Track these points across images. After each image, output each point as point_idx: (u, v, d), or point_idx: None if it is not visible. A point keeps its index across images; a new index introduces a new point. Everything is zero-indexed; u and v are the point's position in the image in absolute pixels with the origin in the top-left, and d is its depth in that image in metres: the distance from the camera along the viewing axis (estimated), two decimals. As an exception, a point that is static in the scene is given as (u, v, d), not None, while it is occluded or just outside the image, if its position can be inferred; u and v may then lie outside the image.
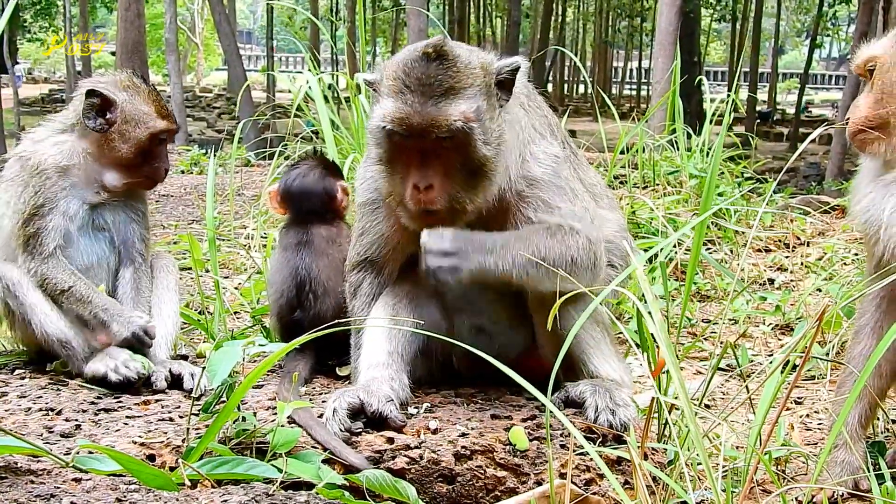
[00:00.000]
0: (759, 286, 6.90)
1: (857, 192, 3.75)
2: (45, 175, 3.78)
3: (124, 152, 3.86)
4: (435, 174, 3.20)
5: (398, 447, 3.06)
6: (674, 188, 8.36)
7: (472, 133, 3.15)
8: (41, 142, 3.88)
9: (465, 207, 3.27)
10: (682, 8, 23.04)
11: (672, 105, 8.97)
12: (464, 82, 3.17)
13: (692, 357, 5.56)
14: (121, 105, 3.83)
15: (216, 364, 2.87)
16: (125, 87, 3.89)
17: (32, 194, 3.76)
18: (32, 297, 3.74)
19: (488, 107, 3.22)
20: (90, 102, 3.80)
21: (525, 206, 3.41)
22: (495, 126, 3.25)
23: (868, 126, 3.57)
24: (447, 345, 3.48)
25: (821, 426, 4.51)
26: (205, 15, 67.52)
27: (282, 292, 3.97)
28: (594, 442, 3.23)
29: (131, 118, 3.85)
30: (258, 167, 11.90)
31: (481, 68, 3.24)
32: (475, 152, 3.19)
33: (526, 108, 3.52)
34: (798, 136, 39.09)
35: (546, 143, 3.51)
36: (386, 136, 3.22)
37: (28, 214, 3.75)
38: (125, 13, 29.69)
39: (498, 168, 3.28)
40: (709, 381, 3.79)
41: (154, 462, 2.89)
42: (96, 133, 3.82)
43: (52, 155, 3.82)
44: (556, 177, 3.46)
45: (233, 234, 7.68)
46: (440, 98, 3.14)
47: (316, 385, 3.75)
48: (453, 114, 3.13)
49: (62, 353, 3.74)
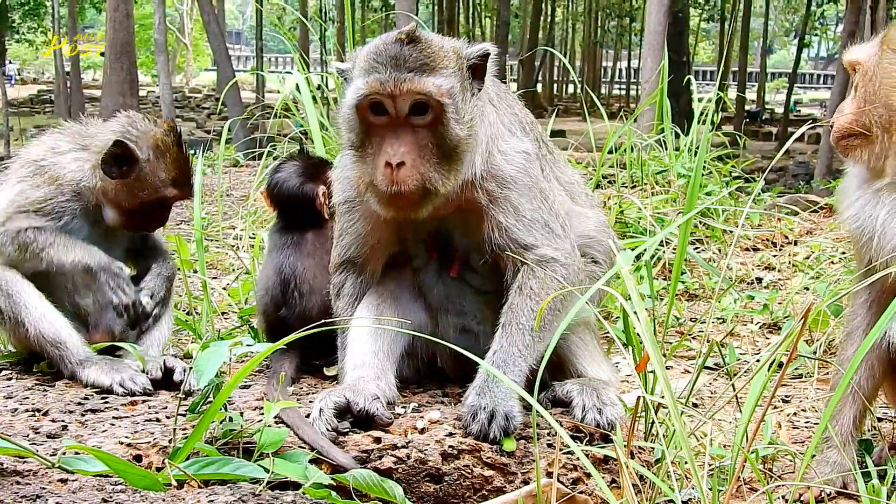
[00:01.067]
0: (747, 285, 6.92)
1: (845, 196, 3.75)
2: (61, 189, 3.78)
3: (127, 203, 3.87)
4: (408, 151, 3.18)
5: (385, 447, 3.06)
6: (662, 188, 8.37)
7: (445, 108, 3.17)
8: (63, 154, 3.84)
9: (437, 189, 3.23)
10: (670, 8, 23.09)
11: (660, 105, 8.98)
12: (438, 62, 3.20)
13: (680, 356, 5.57)
14: (142, 165, 3.81)
15: (203, 364, 2.86)
16: (154, 147, 3.85)
17: (42, 199, 3.76)
18: (27, 297, 3.71)
19: (461, 89, 3.24)
20: (115, 153, 3.77)
21: (496, 210, 3.40)
22: (468, 109, 3.26)
23: (851, 132, 3.57)
24: (432, 344, 3.49)
25: (808, 424, 4.52)
26: (194, 15, 67.47)
27: (267, 289, 3.97)
28: (581, 441, 3.23)
29: (145, 180, 3.83)
30: (247, 168, 11.87)
31: (454, 52, 3.27)
32: (449, 131, 3.20)
33: (495, 104, 3.51)
34: (787, 136, 39.14)
35: (516, 140, 3.50)
36: (358, 114, 3.24)
37: (27, 210, 3.74)
38: (114, 14, 29.63)
39: (468, 153, 3.29)
40: (695, 380, 3.80)
41: (141, 462, 2.88)
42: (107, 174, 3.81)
43: (71, 171, 3.81)
44: (525, 175, 3.44)
45: (221, 234, 7.67)
46: (414, 72, 3.16)
47: (303, 385, 3.75)
48: (428, 85, 3.15)
49: (54, 354, 3.70)
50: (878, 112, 3.48)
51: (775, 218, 8.52)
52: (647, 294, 5.01)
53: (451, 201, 3.37)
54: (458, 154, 3.25)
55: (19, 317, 3.69)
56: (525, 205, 3.41)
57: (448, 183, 3.25)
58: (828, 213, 9.05)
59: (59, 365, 3.72)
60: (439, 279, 3.64)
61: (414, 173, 3.18)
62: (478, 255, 3.53)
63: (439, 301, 3.65)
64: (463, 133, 3.23)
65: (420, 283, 3.68)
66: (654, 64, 19.93)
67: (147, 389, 3.55)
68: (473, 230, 3.47)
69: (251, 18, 75.38)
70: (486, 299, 3.60)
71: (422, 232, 3.59)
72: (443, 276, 3.64)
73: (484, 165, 3.37)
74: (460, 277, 3.61)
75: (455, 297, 3.63)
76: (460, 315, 3.62)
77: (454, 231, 3.55)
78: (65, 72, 44.23)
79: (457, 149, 3.24)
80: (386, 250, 3.64)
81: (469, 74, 3.29)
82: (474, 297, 3.62)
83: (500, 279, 3.53)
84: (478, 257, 3.54)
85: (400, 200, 3.23)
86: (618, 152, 8.66)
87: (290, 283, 3.91)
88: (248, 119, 11.61)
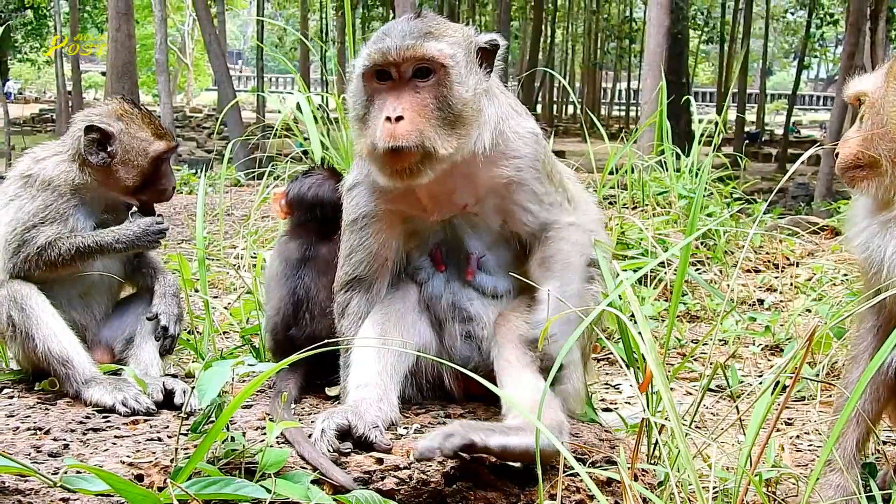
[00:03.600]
0: (749, 307, 6.91)
1: (853, 224, 3.73)
2: (57, 191, 3.79)
3: (130, 180, 3.88)
4: (408, 108, 3.22)
5: (387, 468, 3.04)
6: (663, 208, 8.38)
7: (449, 70, 3.25)
8: (45, 160, 3.87)
9: (437, 150, 3.23)
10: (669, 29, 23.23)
11: (660, 126, 9.00)
12: (442, 31, 3.32)
13: (682, 378, 5.56)
14: (118, 136, 3.83)
15: (205, 384, 2.85)
16: (119, 116, 3.89)
17: (42, 207, 3.76)
18: (41, 313, 3.70)
19: (467, 62, 3.33)
20: (90, 138, 3.80)
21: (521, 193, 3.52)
22: (473, 80, 3.33)
23: (858, 164, 3.54)
24: (438, 363, 3.49)
25: (811, 447, 4.51)
26: (195, 36, 67.74)
27: (278, 309, 3.95)
28: (584, 462, 3.22)
29: (131, 147, 3.86)
30: (247, 187, 11.90)
31: (461, 31, 3.40)
32: (451, 92, 3.26)
33: (503, 91, 3.61)
34: (787, 157, 39.32)
35: (524, 120, 3.59)
36: (364, 83, 3.33)
37: (32, 224, 3.74)
38: (116, 34, 29.77)
39: (472, 121, 3.33)
40: (699, 402, 3.79)
41: (142, 482, 2.86)
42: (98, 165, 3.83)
43: (63, 172, 3.82)
44: (538, 155, 3.54)
45: (222, 253, 7.67)
46: (418, 39, 3.25)
47: (305, 405, 3.74)
48: (430, 49, 3.24)
49: (60, 372, 3.68)
50: (886, 144, 3.46)
51: (777, 239, 8.52)
52: (649, 315, 5.00)
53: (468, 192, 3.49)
54: (460, 118, 3.29)
55: (30, 331, 3.68)
56: (541, 187, 3.54)
57: (448, 145, 3.26)
58: (829, 235, 9.05)
59: (64, 383, 3.70)
60: (446, 288, 3.67)
61: (412, 128, 3.20)
62: (492, 252, 3.63)
63: (445, 310, 3.67)
64: (467, 96, 3.29)
65: (426, 297, 3.69)
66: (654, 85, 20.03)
67: (150, 409, 3.53)
68: (490, 222, 3.58)
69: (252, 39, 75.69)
70: (494, 303, 3.65)
71: (425, 246, 3.67)
72: (450, 284, 3.67)
73: (496, 142, 3.44)
74: (463, 287, 3.65)
75: (461, 304, 3.65)
76: (466, 321, 3.63)
77: (466, 233, 3.61)
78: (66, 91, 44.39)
79: (459, 112, 3.29)
80: (393, 268, 3.67)
81: (477, 55, 3.38)
82: (481, 302, 3.64)
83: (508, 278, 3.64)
84: (492, 255, 3.63)
85: (399, 160, 3.24)
86: (618, 173, 8.67)
87: (304, 304, 3.89)
88: (249, 139, 11.62)
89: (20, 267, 3.74)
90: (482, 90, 3.39)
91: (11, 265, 3.75)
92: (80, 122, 3.89)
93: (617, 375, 5.48)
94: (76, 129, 3.89)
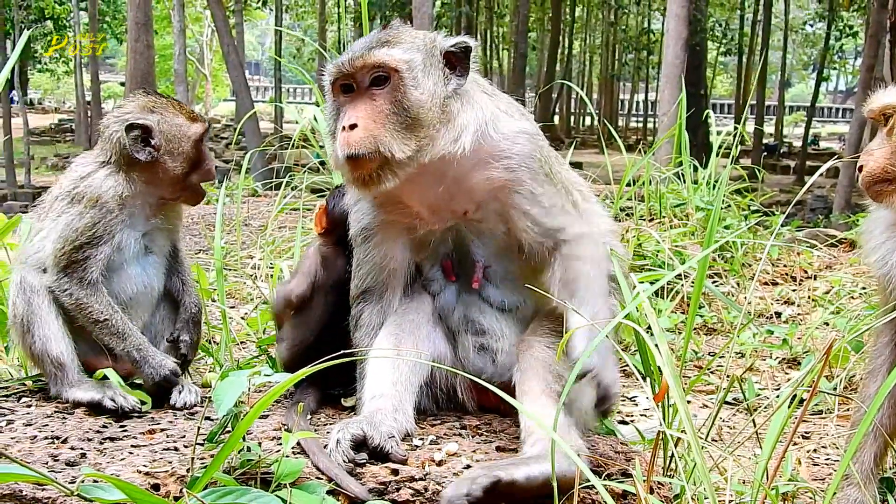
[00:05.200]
0: (766, 319, 6.89)
1: (870, 237, 3.71)
2: (106, 208, 3.76)
3: (178, 168, 3.88)
4: (362, 115, 3.27)
5: (403, 479, 3.04)
6: (680, 220, 8.36)
7: (402, 75, 3.28)
8: (89, 176, 3.83)
9: (394, 154, 3.26)
10: (688, 41, 23.22)
11: (678, 138, 8.99)
12: (399, 38, 3.37)
13: (698, 390, 5.54)
14: (158, 127, 3.83)
15: (222, 394, 2.86)
16: (151, 109, 3.88)
17: (90, 224, 3.73)
18: (44, 312, 3.74)
19: (425, 65, 3.34)
20: (133, 136, 3.79)
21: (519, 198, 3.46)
22: (431, 84, 3.33)
23: (884, 178, 3.52)
24: (452, 374, 3.48)
25: (828, 461, 4.48)
26: (213, 46, 68.06)
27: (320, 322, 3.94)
28: (600, 475, 3.21)
29: (172, 135, 3.86)
30: (265, 198, 11.93)
31: (423, 37, 3.41)
32: (405, 96, 3.28)
33: (489, 93, 3.57)
34: (805, 170, 39.17)
35: (513, 121, 3.53)
36: (332, 98, 3.41)
37: (80, 242, 3.72)
38: (135, 44, 29.99)
39: (433, 125, 3.32)
40: (715, 415, 3.78)
41: (159, 491, 2.87)
42: (142, 162, 3.82)
43: (111, 186, 3.79)
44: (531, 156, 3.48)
45: (239, 264, 7.69)
46: (373, 47, 3.33)
47: (321, 415, 3.74)
48: (382, 55, 3.29)
49: (51, 373, 3.75)
50: None
51: (794, 252, 8.48)
52: (665, 327, 4.99)
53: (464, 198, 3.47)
54: (417, 121, 3.30)
55: (32, 327, 3.73)
56: (539, 188, 3.47)
57: (406, 148, 3.28)
58: (847, 248, 9.02)
59: (50, 382, 3.78)
60: (459, 300, 3.67)
61: (366, 134, 3.24)
62: (498, 261, 3.60)
63: (458, 322, 3.67)
64: (423, 98, 3.30)
65: (440, 308, 3.70)
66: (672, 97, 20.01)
67: (136, 407, 3.62)
68: (494, 229, 3.54)
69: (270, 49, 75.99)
70: (505, 316, 3.64)
71: (437, 256, 3.67)
72: (462, 296, 3.67)
73: (480, 145, 3.40)
74: (480, 293, 3.64)
75: (474, 316, 3.65)
76: (479, 334, 3.62)
77: (472, 241, 3.61)
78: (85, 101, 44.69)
79: (416, 115, 3.30)
80: (403, 278, 3.68)
81: (444, 59, 3.38)
82: (493, 315, 3.64)
83: (519, 291, 3.63)
84: (498, 264, 3.61)
85: (358, 167, 3.28)
86: (636, 185, 8.66)
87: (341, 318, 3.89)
88: (267, 150, 11.67)
89: (64, 285, 3.74)
90: (448, 93, 3.38)
91: (57, 280, 3.75)
92: (115, 124, 3.86)
93: (633, 387, 5.46)
94: (112, 133, 3.85)
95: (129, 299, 3.87)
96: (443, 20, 45.22)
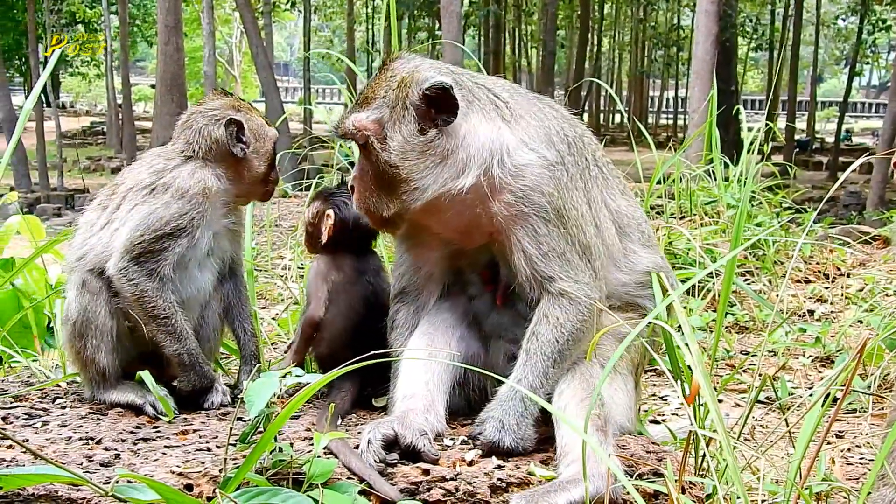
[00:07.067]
0: (799, 318, 6.83)
1: None
2: (194, 200, 3.73)
3: (261, 169, 3.95)
4: (355, 177, 3.50)
5: (434, 479, 3.04)
6: (711, 218, 8.31)
7: (368, 140, 3.35)
8: (175, 169, 3.79)
9: (380, 212, 3.45)
10: (718, 37, 23.04)
11: (710, 135, 8.93)
12: (376, 93, 3.39)
13: (730, 389, 5.50)
14: (248, 125, 3.89)
15: (254, 394, 2.87)
16: (237, 108, 3.92)
17: (176, 215, 3.69)
18: (101, 319, 3.74)
19: (395, 120, 3.34)
20: (231, 131, 3.83)
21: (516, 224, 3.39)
22: (402, 137, 3.33)
23: None
24: (484, 375, 3.48)
25: (863, 461, 4.44)
26: (242, 48, 68.42)
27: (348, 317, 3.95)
28: (631, 475, 3.20)
29: (259, 135, 3.93)
30: (295, 198, 11.98)
31: (399, 82, 3.37)
32: (378, 158, 3.36)
33: (509, 120, 3.45)
34: (838, 166, 38.83)
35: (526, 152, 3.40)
36: None
37: (163, 232, 3.68)
38: (165, 47, 30.23)
39: (418, 173, 3.33)
40: (747, 414, 3.75)
41: (192, 492, 2.90)
42: (232, 158, 3.86)
43: (200, 180, 3.78)
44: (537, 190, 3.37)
45: (270, 265, 7.73)
46: (350, 111, 3.44)
47: (352, 416, 3.76)
48: (348, 123, 3.41)
49: (93, 379, 3.78)
50: None
51: (827, 249, 8.40)
52: (696, 326, 4.96)
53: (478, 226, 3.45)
54: (396, 179, 3.36)
55: (85, 334, 3.73)
56: (543, 228, 3.38)
57: (390, 206, 3.42)
58: (881, 245, 8.92)
59: (86, 385, 3.83)
60: (493, 308, 3.66)
61: (359, 196, 3.49)
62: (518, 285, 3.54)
63: (493, 328, 3.67)
64: (393, 158, 3.33)
65: (475, 312, 3.70)
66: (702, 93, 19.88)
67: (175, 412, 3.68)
68: (507, 259, 3.48)
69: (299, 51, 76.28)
70: None
71: (476, 264, 3.64)
72: (496, 305, 3.65)
73: (484, 179, 3.34)
74: (510, 307, 3.61)
75: (509, 325, 3.63)
76: (512, 343, 3.60)
77: (499, 261, 3.56)
78: (116, 104, 45.04)
79: (392, 175, 3.36)
80: (439, 281, 3.69)
81: (420, 106, 3.32)
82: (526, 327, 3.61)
83: None
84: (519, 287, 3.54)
85: (370, 218, 3.53)
86: (666, 182, 8.62)
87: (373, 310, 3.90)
88: (296, 151, 11.71)
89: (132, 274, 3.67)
90: (431, 137, 3.33)
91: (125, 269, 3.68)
92: (204, 119, 3.86)
93: (664, 387, 5.44)
94: (203, 127, 3.84)
95: (182, 300, 3.81)
96: (471, 19, 45.21)
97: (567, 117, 3.68)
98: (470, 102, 3.39)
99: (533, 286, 3.43)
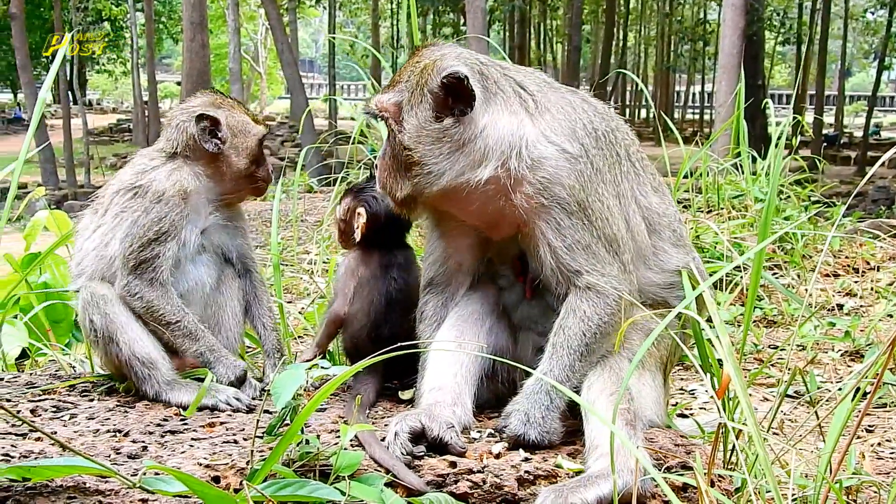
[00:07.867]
0: (828, 312, 6.77)
1: None
2: (171, 202, 3.79)
3: (241, 165, 3.97)
4: (379, 157, 3.55)
5: (461, 471, 3.04)
6: (738, 212, 8.25)
7: (389, 118, 3.39)
8: (153, 170, 3.86)
9: (395, 192, 3.47)
10: (745, 31, 22.91)
11: (737, 129, 8.87)
12: (402, 77, 3.43)
13: (759, 383, 5.46)
14: (225, 121, 3.92)
15: (280, 387, 2.88)
16: (218, 105, 3.97)
17: (156, 220, 3.75)
18: (122, 318, 3.75)
19: (412, 105, 3.35)
20: (202, 126, 3.87)
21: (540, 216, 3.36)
22: (417, 122, 3.34)
23: None
24: (512, 367, 3.46)
25: (893, 455, 4.40)
26: (267, 44, 68.70)
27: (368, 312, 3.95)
28: (660, 468, 3.18)
29: (238, 131, 3.96)
30: (321, 193, 12.01)
31: (422, 68, 3.38)
32: (396, 140, 3.40)
33: (532, 112, 3.42)
34: (866, 160, 38.50)
35: (546, 146, 3.37)
36: None
37: (148, 239, 3.74)
38: (190, 44, 30.40)
39: (432, 158, 3.34)
40: (777, 407, 3.72)
41: (219, 484, 2.90)
42: (210, 154, 3.90)
43: (176, 181, 3.83)
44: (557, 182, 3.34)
45: (296, 259, 7.75)
46: (384, 89, 3.52)
47: (378, 409, 3.76)
48: (374, 102, 3.47)
49: (143, 374, 3.74)
50: None
51: (856, 243, 8.33)
52: (724, 320, 4.92)
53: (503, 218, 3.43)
54: (410, 161, 3.37)
55: (114, 336, 3.73)
56: (566, 219, 3.35)
57: (404, 188, 3.43)
58: (911, 239, 8.83)
59: (144, 385, 3.76)
60: (523, 299, 3.65)
61: (380, 176, 3.52)
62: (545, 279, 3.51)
63: (522, 319, 3.66)
64: (408, 140, 3.35)
65: (504, 303, 3.69)
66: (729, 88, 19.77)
67: (251, 406, 3.69)
68: (533, 251, 3.45)
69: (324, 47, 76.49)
70: None
71: (506, 255, 3.62)
72: (525, 297, 3.64)
73: (503, 171, 3.33)
74: (539, 299, 3.59)
75: (538, 317, 3.61)
76: (541, 335, 3.56)
77: (527, 253, 3.54)
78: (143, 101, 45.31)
79: (403, 157, 3.38)
80: (469, 272, 3.68)
81: (438, 94, 3.31)
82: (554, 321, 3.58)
83: None
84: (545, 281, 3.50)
85: (389, 198, 3.55)
86: (693, 177, 8.57)
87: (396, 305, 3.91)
88: (321, 146, 11.74)
89: (135, 289, 3.76)
90: (446, 126, 3.31)
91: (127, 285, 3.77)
92: (182, 116, 3.93)
93: (692, 381, 5.41)
94: (179, 124, 3.91)
95: (180, 294, 3.86)
96: (496, 14, 45.13)
97: (600, 111, 3.62)
98: (493, 94, 3.38)
99: (560, 280, 3.40)
